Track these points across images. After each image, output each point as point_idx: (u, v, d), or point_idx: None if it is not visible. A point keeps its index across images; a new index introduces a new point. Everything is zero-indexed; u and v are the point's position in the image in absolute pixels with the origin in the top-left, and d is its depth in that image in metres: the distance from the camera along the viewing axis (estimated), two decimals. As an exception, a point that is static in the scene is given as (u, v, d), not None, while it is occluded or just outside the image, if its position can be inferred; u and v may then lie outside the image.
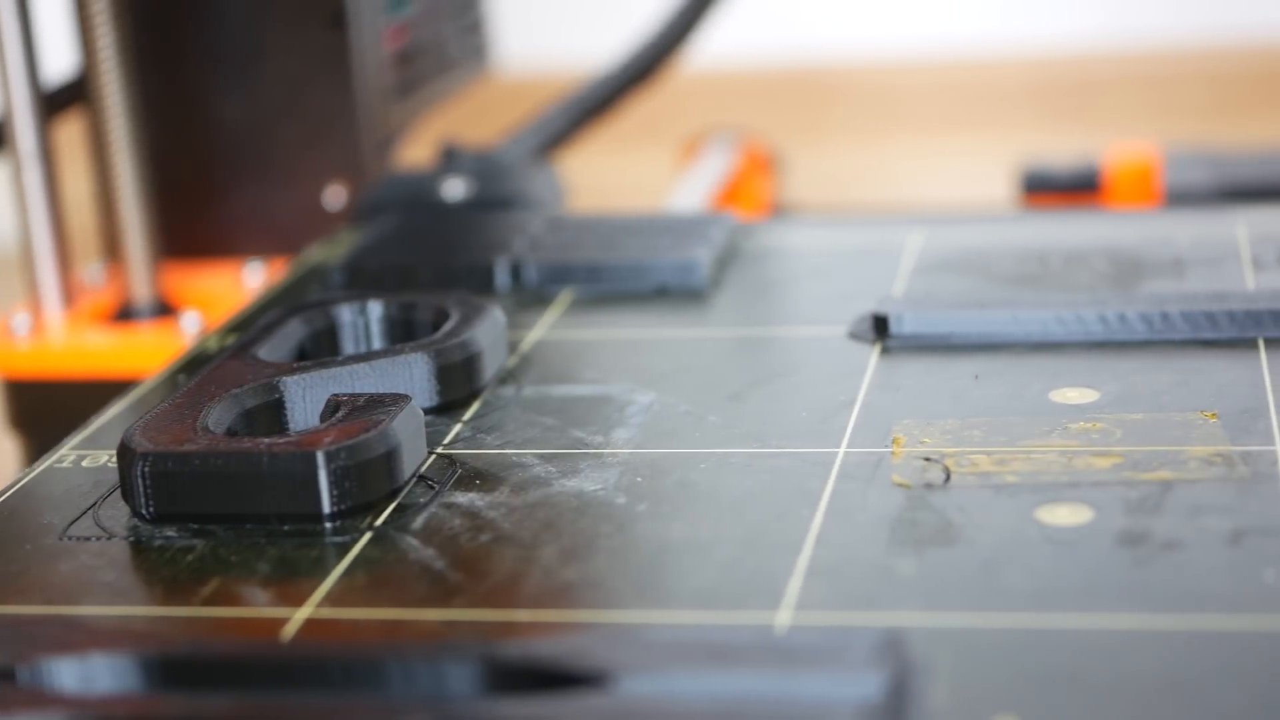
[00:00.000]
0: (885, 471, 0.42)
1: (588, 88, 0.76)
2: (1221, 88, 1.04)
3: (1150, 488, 0.41)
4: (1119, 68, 1.05)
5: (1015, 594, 0.36)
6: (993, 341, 0.50)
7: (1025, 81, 1.06)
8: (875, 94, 1.07)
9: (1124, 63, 1.06)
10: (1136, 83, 1.05)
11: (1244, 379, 0.46)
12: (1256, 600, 0.35)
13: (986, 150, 0.99)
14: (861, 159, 1.04)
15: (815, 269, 0.59)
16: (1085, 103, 1.05)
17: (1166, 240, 0.57)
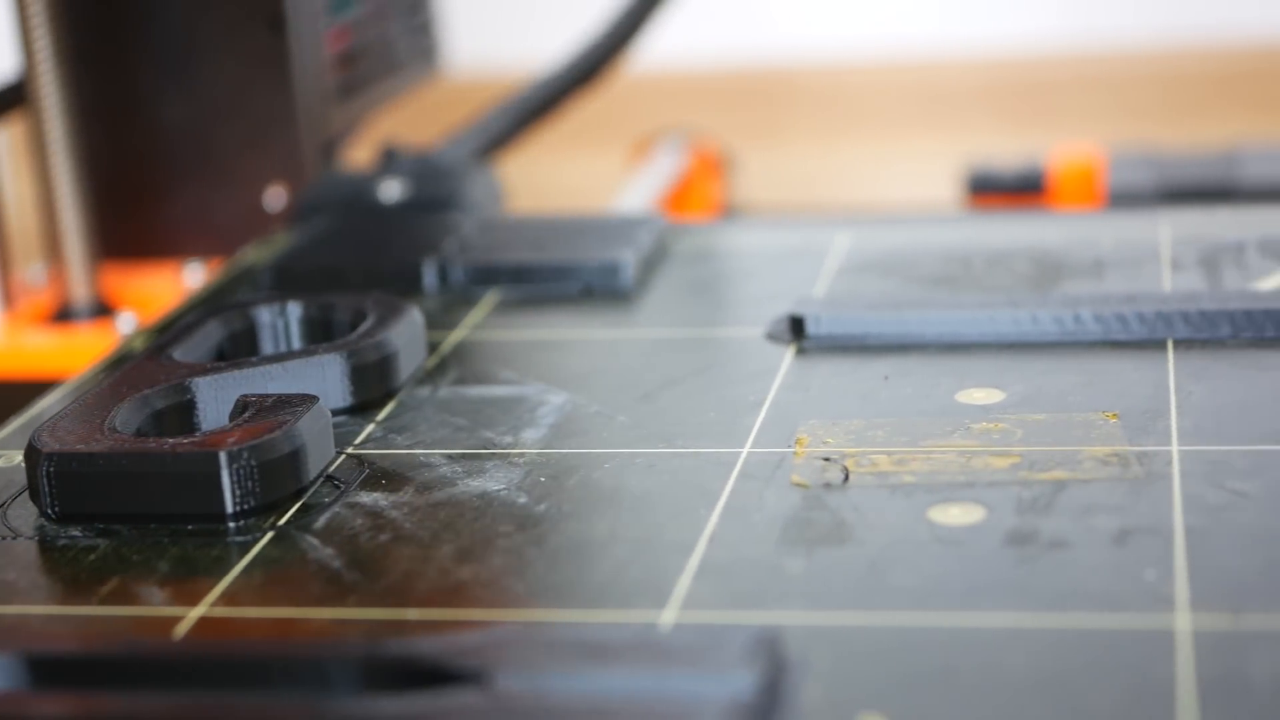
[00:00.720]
0: (786, 472, 0.43)
1: (530, 90, 0.76)
2: (1176, 89, 1.04)
3: (1044, 487, 0.41)
4: (1073, 69, 1.06)
5: (898, 593, 0.37)
6: (907, 342, 0.50)
7: (980, 82, 1.06)
8: (831, 95, 1.07)
9: (1078, 64, 1.06)
10: (1091, 84, 1.06)
11: (1149, 380, 0.46)
12: (1134, 599, 0.36)
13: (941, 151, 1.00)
14: (817, 160, 1.05)
15: (741, 270, 0.59)
16: (1040, 104, 1.06)
17: (1090, 242, 0.58)
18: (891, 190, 1.01)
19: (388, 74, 0.80)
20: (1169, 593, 0.36)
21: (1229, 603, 0.35)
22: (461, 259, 0.58)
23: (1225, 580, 0.36)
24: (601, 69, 0.77)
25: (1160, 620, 0.35)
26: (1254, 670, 0.33)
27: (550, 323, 0.55)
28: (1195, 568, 0.37)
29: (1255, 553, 0.37)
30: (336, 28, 0.74)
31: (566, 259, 0.58)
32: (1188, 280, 0.54)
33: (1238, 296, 0.50)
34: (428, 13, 0.85)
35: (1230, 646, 0.34)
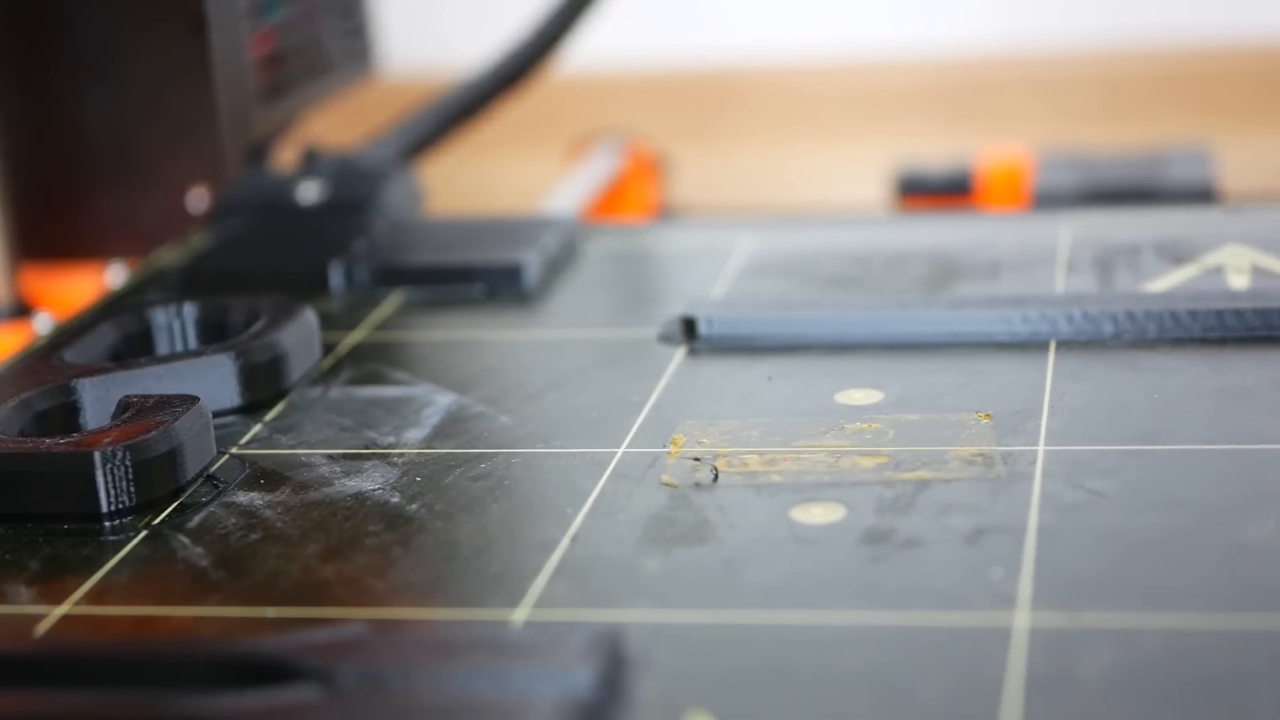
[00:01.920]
0: (658, 472, 0.43)
1: (455, 92, 0.76)
2: (1115, 91, 1.04)
3: (906, 487, 0.41)
4: (1015, 71, 1.06)
5: (748, 592, 0.37)
6: (796, 343, 0.51)
7: (923, 84, 1.07)
8: (775, 97, 1.08)
9: (1020, 66, 1.06)
10: (1032, 86, 1.06)
11: (1026, 381, 0.47)
12: (977, 597, 0.36)
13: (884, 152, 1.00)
14: (760, 161, 1.05)
15: (646, 272, 0.60)
16: (982, 106, 1.06)
17: (990, 244, 0.58)
18: (833, 191, 1.01)
19: (318, 76, 0.80)
20: (1012, 591, 0.36)
21: (1068, 601, 0.36)
22: (367, 261, 0.59)
23: (1068, 579, 0.37)
24: (528, 71, 0.77)
25: (999, 618, 0.35)
26: (1083, 667, 0.33)
27: (449, 324, 0.55)
28: (1041, 566, 0.37)
29: (1102, 552, 0.38)
30: (262, 30, 0.75)
31: (469, 261, 0.58)
32: (1081, 282, 0.54)
33: (1121, 298, 0.50)
34: (362, 15, 0.85)
35: (1063, 644, 0.34)
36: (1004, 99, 1.07)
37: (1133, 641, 0.34)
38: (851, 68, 1.08)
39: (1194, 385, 0.46)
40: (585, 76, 1.06)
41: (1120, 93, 1.05)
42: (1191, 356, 0.48)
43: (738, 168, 1.05)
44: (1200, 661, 0.33)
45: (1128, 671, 0.33)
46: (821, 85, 1.08)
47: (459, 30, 1.05)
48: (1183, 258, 0.55)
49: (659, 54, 1.09)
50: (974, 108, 1.07)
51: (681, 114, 1.07)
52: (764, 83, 1.08)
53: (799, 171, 1.04)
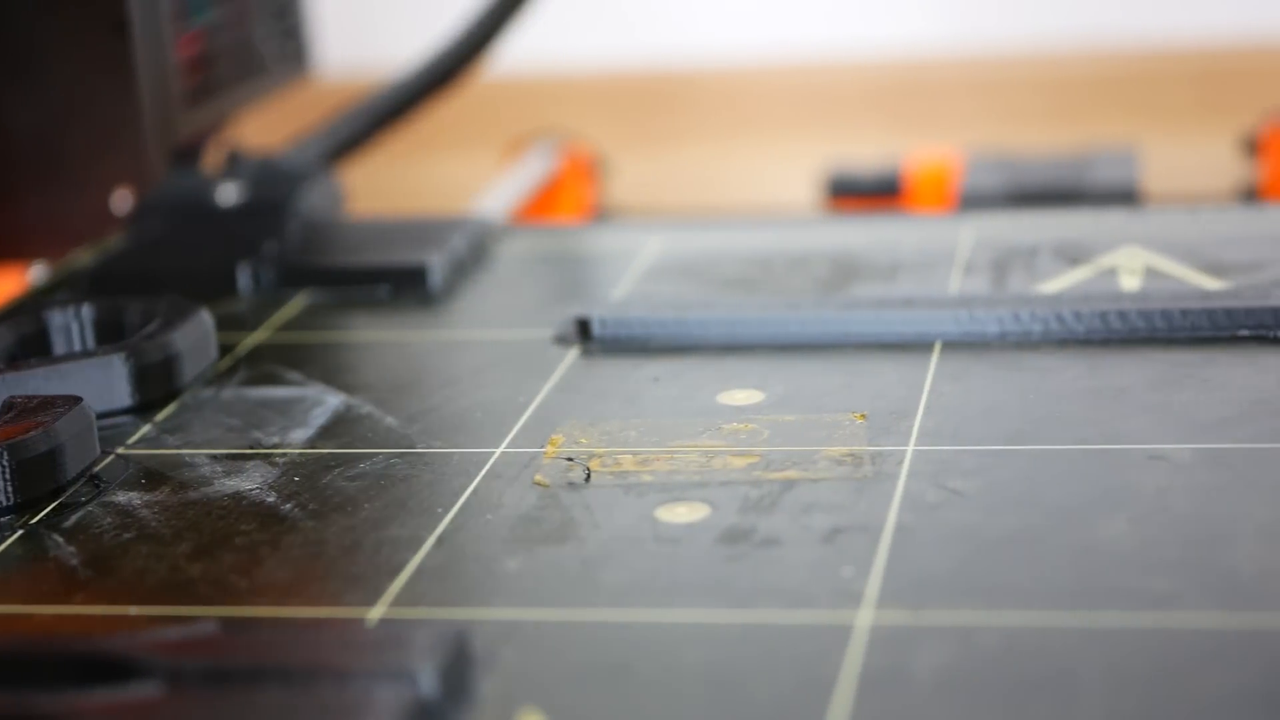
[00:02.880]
0: (533, 471, 0.44)
1: (382, 94, 0.77)
2: (1057, 92, 1.05)
3: (773, 487, 0.42)
4: (958, 72, 1.07)
5: (602, 590, 0.38)
6: (687, 344, 0.51)
7: (866, 85, 1.07)
8: (721, 98, 1.08)
9: (962, 67, 1.07)
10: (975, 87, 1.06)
11: (907, 381, 0.47)
12: (824, 596, 0.37)
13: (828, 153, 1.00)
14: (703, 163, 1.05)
15: (553, 273, 0.60)
16: (924, 107, 1.06)
17: (892, 245, 0.59)
18: (775, 193, 1.02)
19: (250, 78, 0.80)
20: (859, 589, 0.37)
21: (913, 599, 0.36)
22: (275, 262, 0.59)
23: (917, 577, 0.37)
24: (456, 74, 0.78)
25: (843, 616, 0.36)
26: (917, 664, 0.34)
27: (351, 325, 0.56)
28: (892, 565, 0.38)
29: (953, 551, 0.38)
30: (190, 32, 0.75)
31: (374, 262, 0.58)
32: (976, 283, 0.55)
33: (1007, 299, 0.51)
34: (297, 16, 0.86)
35: (901, 641, 0.35)
36: (946, 101, 1.07)
37: (969, 639, 0.35)
38: (795, 70, 1.09)
39: (1069, 386, 0.46)
40: (531, 78, 1.07)
41: (1060, 94, 1.05)
42: (1072, 357, 0.48)
43: (680, 169, 1.05)
44: (1033, 659, 0.34)
45: (961, 668, 0.34)
46: (765, 87, 1.08)
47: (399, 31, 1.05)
48: (1079, 259, 0.56)
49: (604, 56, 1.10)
50: (916, 109, 1.07)
51: (625, 116, 1.07)
52: (708, 85, 1.08)
53: (742, 173, 1.04)
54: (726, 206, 1.00)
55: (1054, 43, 1.07)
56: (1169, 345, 0.48)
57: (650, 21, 1.10)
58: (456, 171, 1.02)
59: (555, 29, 1.07)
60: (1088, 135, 0.99)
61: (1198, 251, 0.56)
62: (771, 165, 1.03)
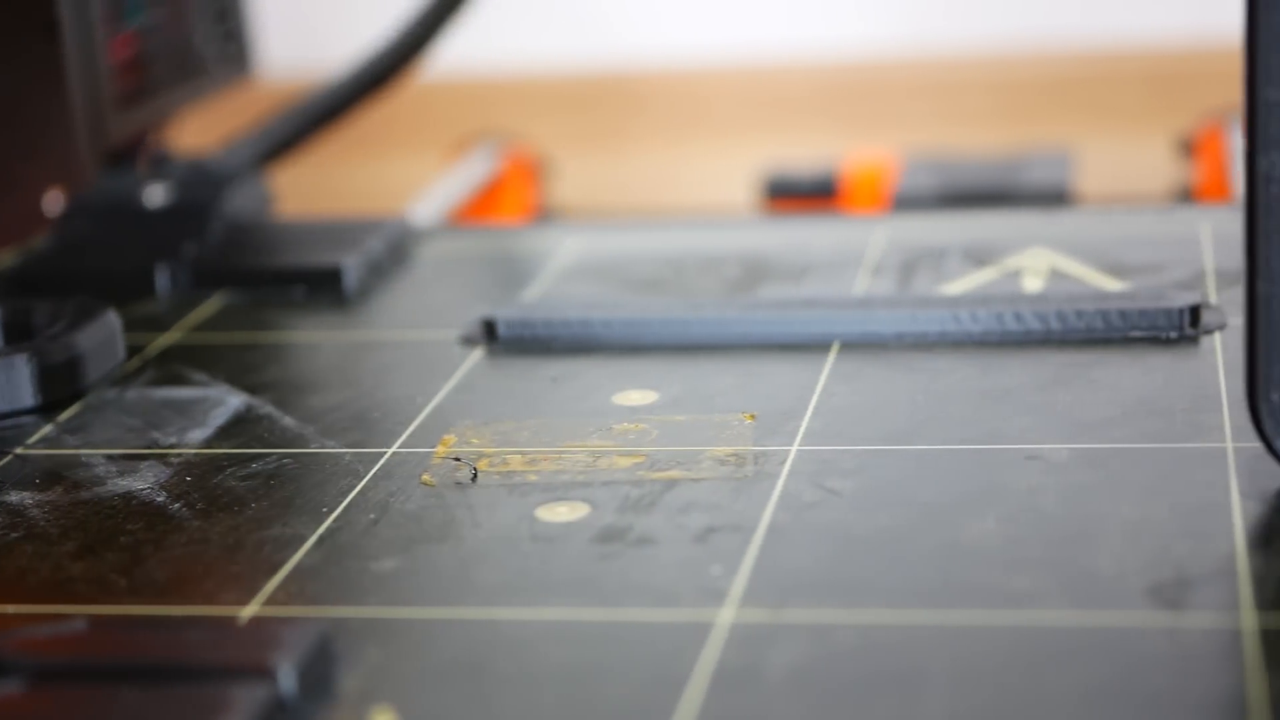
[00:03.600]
0: (422, 471, 0.44)
1: (316, 96, 0.77)
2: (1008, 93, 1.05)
3: (654, 486, 0.42)
4: (910, 73, 1.07)
5: (474, 589, 0.38)
6: (590, 345, 0.51)
7: (819, 87, 1.07)
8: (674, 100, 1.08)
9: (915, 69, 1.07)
10: (927, 88, 1.07)
11: (800, 382, 0.48)
12: (690, 594, 0.37)
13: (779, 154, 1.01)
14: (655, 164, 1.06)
15: (469, 274, 0.60)
16: (876, 108, 1.07)
17: (805, 247, 0.59)
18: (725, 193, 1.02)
19: (189, 79, 0.81)
20: (725, 588, 0.37)
21: (776, 597, 0.37)
22: (194, 263, 0.59)
23: (783, 576, 0.38)
24: (390, 76, 0.78)
25: (705, 614, 0.36)
26: (770, 662, 0.34)
27: (263, 326, 0.56)
28: (761, 564, 0.38)
29: (822, 550, 0.39)
30: (124, 34, 0.75)
31: (289, 264, 0.59)
32: (882, 284, 0.55)
33: (905, 300, 0.51)
34: (239, 18, 0.86)
35: (758, 639, 0.35)
36: (896, 102, 1.08)
37: (825, 636, 0.35)
38: (745, 71, 1.09)
39: (959, 386, 0.47)
40: (481, 79, 1.07)
41: (1009, 96, 1.06)
42: (966, 359, 0.49)
43: (629, 171, 1.06)
44: (885, 656, 0.34)
45: (812, 665, 0.34)
46: (716, 89, 1.08)
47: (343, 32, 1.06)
48: (986, 261, 0.56)
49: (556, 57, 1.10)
50: (866, 111, 1.08)
51: (576, 117, 1.08)
52: (659, 86, 1.09)
53: (691, 174, 1.05)
54: (675, 207, 1.01)
55: (1004, 45, 1.07)
56: (1062, 346, 0.49)
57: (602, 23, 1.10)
58: (406, 172, 1.02)
59: (506, 30, 1.07)
60: (1035, 136, 0.99)
61: (1105, 253, 0.56)
62: (720, 166, 1.04)
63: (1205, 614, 0.35)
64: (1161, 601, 0.35)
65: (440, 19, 0.78)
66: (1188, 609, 0.35)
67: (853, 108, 1.07)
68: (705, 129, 1.07)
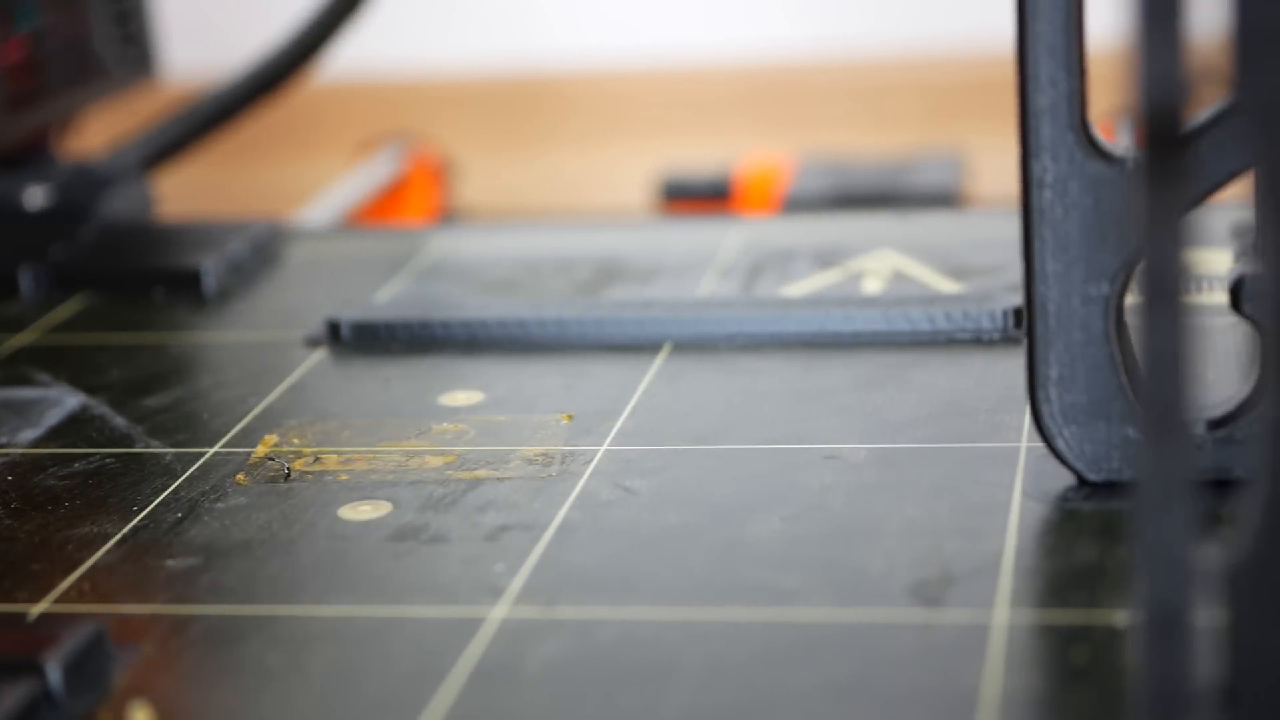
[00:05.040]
0: (235, 470, 0.45)
1: (206, 99, 0.78)
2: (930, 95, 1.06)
3: (459, 485, 0.43)
4: (833, 76, 1.08)
5: (262, 587, 0.39)
6: (431, 345, 0.52)
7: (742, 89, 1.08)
8: (594, 102, 1.09)
9: (838, 71, 1.08)
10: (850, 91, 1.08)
11: (624, 382, 0.48)
12: (469, 592, 0.38)
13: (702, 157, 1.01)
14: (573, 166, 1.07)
15: (331, 276, 0.61)
16: (799, 110, 1.08)
17: (659, 249, 0.60)
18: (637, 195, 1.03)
19: (86, 83, 0.81)
20: (504, 585, 0.38)
21: (551, 595, 0.37)
22: (59, 265, 0.60)
23: (563, 573, 0.38)
24: (283, 79, 0.78)
25: (478, 611, 0.37)
26: (530, 657, 0.35)
27: (117, 328, 0.56)
28: (544, 562, 0.39)
29: (606, 548, 0.39)
30: (13, 38, 0.76)
31: (150, 266, 0.60)
32: (726, 285, 0.56)
33: (738, 302, 0.52)
34: (141, 20, 0.86)
35: (524, 635, 0.36)
36: (820, 104, 1.08)
37: (589, 632, 0.36)
38: (665, 73, 1.10)
39: (778, 387, 0.47)
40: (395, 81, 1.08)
41: (934, 98, 1.07)
42: (790, 360, 0.49)
43: (544, 173, 1.06)
44: (642, 651, 0.35)
45: (570, 660, 0.35)
46: (634, 91, 1.09)
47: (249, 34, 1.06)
48: (833, 262, 0.57)
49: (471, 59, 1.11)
50: (791, 113, 1.08)
51: (493, 119, 1.08)
52: (577, 88, 1.09)
53: (607, 176, 1.05)
54: (584, 209, 1.02)
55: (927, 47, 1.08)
56: (886, 348, 0.50)
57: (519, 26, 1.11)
58: (318, 174, 1.02)
59: (423, 32, 1.08)
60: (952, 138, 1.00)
61: (951, 255, 0.57)
62: (633, 168, 1.04)
63: (960, 611, 0.36)
64: (921, 599, 0.36)
65: (332, 25, 0.79)
66: (945, 606, 0.36)
67: (770, 110, 1.08)
68: (620, 131, 1.08)
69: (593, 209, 1.01)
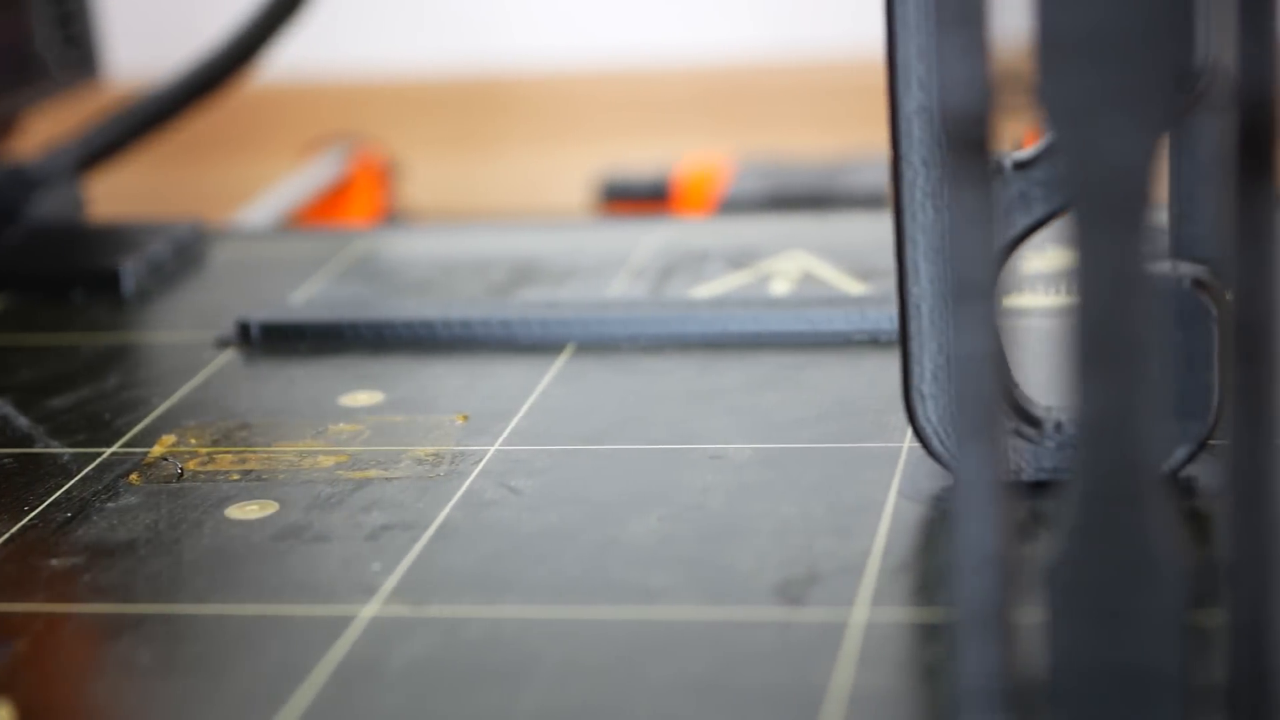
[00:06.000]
0: (129, 470, 0.45)
1: (142, 101, 0.78)
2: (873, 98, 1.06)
3: (346, 485, 0.43)
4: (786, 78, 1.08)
5: (141, 585, 0.39)
6: (339, 346, 0.53)
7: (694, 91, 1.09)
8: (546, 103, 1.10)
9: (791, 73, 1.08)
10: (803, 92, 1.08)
11: (524, 383, 0.49)
12: (345, 590, 0.38)
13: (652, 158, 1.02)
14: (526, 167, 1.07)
15: (248, 276, 0.61)
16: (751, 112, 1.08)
17: (576, 250, 0.60)
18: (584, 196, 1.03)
19: (29, 84, 0.82)
20: (378, 584, 0.38)
21: (424, 594, 0.38)
22: (-20, 266, 0.61)
23: (439, 573, 0.39)
24: (222, 81, 0.79)
25: (350, 610, 0.37)
26: (394, 654, 0.35)
27: (34, 328, 0.57)
28: (421, 561, 0.39)
29: (484, 547, 0.40)
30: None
31: (70, 267, 0.60)
32: (637, 287, 0.56)
33: (642, 303, 0.52)
34: (84, 22, 0.87)
35: (392, 633, 0.36)
36: (766, 106, 1.09)
37: (455, 630, 0.36)
38: (615, 75, 1.10)
39: (673, 388, 0.48)
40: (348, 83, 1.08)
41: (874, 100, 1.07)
42: (689, 360, 0.50)
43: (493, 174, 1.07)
44: (504, 649, 0.35)
45: (432, 658, 0.35)
46: (584, 93, 1.09)
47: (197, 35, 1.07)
48: (744, 264, 0.57)
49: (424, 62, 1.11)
50: (739, 114, 1.09)
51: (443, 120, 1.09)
52: (527, 91, 1.10)
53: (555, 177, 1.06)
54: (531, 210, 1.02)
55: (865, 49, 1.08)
56: (785, 349, 0.50)
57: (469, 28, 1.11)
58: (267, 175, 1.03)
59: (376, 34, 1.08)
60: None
61: (864, 257, 0.57)
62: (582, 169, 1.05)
63: (821, 609, 0.36)
64: (784, 597, 0.36)
65: (271, 27, 0.79)
66: (807, 605, 0.36)
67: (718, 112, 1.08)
68: (570, 133, 1.09)
69: (541, 210, 1.01)
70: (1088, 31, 0.25)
